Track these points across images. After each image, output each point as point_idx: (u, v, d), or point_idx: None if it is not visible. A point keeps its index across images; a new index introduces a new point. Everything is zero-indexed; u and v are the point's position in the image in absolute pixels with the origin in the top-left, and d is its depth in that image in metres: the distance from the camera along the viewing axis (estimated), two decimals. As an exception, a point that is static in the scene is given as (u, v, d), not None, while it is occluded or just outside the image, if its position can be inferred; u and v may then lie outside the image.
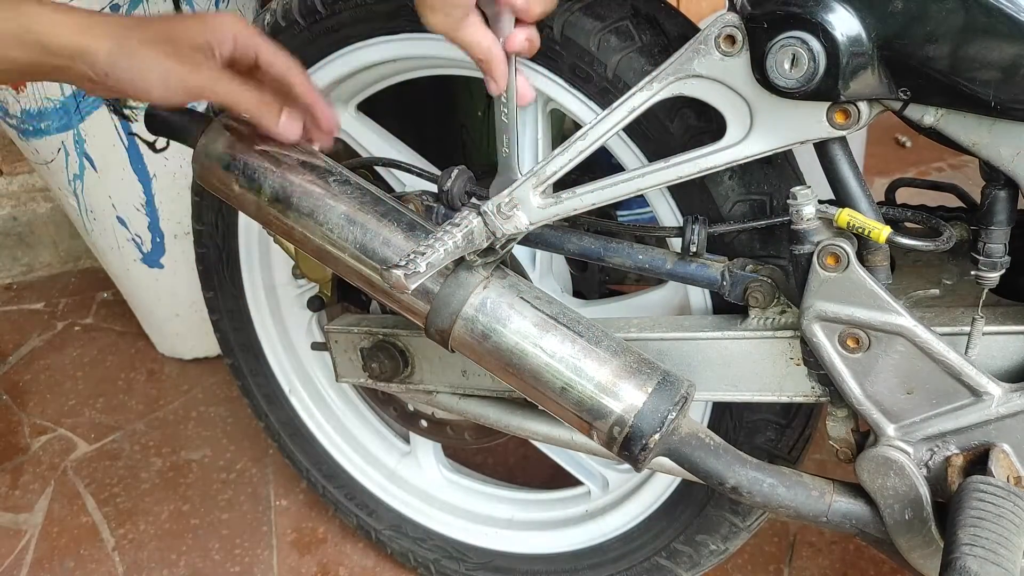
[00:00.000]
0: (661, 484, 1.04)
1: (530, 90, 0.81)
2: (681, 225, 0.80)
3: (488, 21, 0.76)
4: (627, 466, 1.09)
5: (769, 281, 0.77)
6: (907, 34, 0.59)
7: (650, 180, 0.73)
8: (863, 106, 0.64)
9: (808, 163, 0.77)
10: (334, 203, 0.74)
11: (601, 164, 0.88)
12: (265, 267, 1.21)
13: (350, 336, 1.02)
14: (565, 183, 0.76)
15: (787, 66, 0.62)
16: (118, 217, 1.55)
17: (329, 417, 1.28)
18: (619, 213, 1.34)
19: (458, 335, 0.73)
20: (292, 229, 0.76)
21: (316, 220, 0.74)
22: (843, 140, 0.68)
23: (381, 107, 1.08)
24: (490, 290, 0.72)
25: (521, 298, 0.73)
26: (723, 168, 0.71)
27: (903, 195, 0.83)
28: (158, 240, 1.59)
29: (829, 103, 0.64)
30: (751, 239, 0.82)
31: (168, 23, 0.73)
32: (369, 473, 1.28)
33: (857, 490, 0.75)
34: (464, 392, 0.98)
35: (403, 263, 0.66)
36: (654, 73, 0.69)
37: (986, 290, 0.68)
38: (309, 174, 0.75)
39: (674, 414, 0.69)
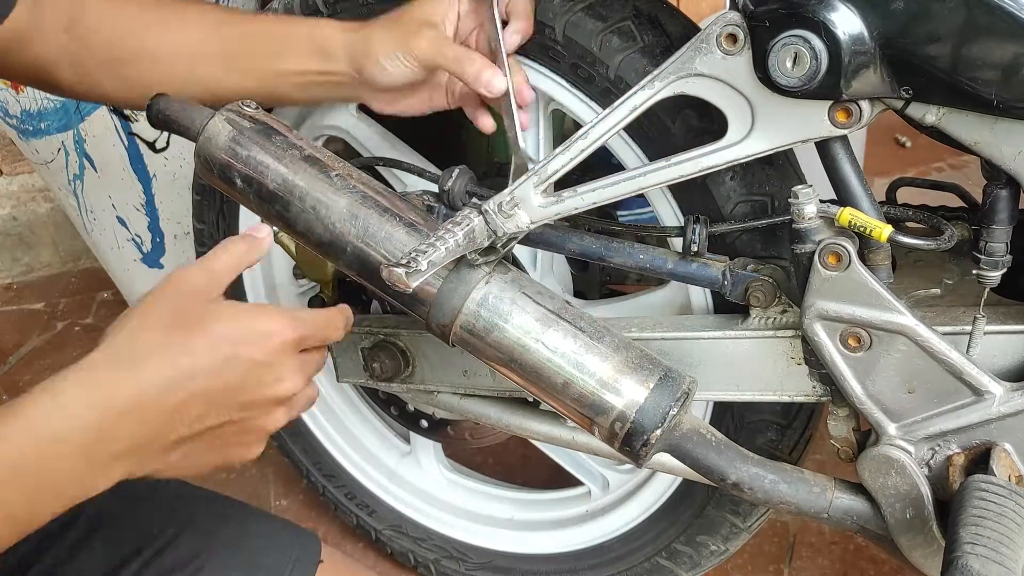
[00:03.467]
0: (662, 484, 1.04)
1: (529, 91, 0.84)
2: (682, 225, 0.80)
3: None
4: (628, 466, 1.09)
5: (770, 280, 0.77)
6: (909, 32, 0.59)
7: (651, 179, 0.73)
8: (865, 105, 0.64)
9: (809, 162, 0.77)
10: (336, 198, 0.74)
11: (602, 164, 0.88)
12: (265, 267, 1.21)
13: (351, 336, 1.02)
14: (566, 182, 0.76)
15: (789, 65, 0.63)
16: (118, 217, 1.55)
17: (329, 417, 1.28)
18: (619, 213, 1.34)
19: (460, 330, 0.73)
20: (294, 224, 0.76)
21: (318, 215, 0.74)
22: (844, 139, 0.68)
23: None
24: (492, 285, 0.72)
25: (523, 293, 0.72)
26: (724, 167, 0.71)
27: (904, 195, 0.83)
28: (158, 240, 1.58)
29: (831, 102, 0.64)
30: (752, 239, 0.82)
31: None
32: (369, 473, 1.28)
33: (858, 487, 0.75)
34: (465, 392, 0.98)
35: (405, 261, 0.66)
36: (656, 72, 0.69)
37: (987, 289, 0.69)
38: (312, 169, 0.75)
39: (676, 410, 0.69)
